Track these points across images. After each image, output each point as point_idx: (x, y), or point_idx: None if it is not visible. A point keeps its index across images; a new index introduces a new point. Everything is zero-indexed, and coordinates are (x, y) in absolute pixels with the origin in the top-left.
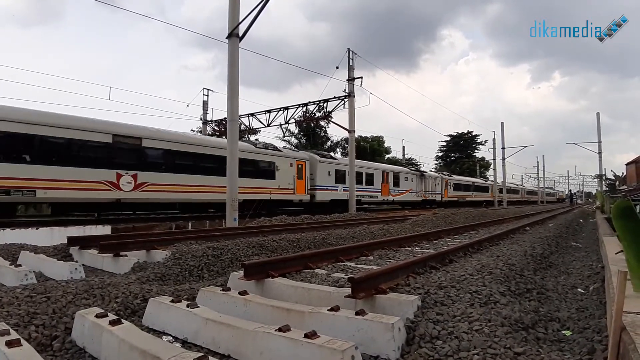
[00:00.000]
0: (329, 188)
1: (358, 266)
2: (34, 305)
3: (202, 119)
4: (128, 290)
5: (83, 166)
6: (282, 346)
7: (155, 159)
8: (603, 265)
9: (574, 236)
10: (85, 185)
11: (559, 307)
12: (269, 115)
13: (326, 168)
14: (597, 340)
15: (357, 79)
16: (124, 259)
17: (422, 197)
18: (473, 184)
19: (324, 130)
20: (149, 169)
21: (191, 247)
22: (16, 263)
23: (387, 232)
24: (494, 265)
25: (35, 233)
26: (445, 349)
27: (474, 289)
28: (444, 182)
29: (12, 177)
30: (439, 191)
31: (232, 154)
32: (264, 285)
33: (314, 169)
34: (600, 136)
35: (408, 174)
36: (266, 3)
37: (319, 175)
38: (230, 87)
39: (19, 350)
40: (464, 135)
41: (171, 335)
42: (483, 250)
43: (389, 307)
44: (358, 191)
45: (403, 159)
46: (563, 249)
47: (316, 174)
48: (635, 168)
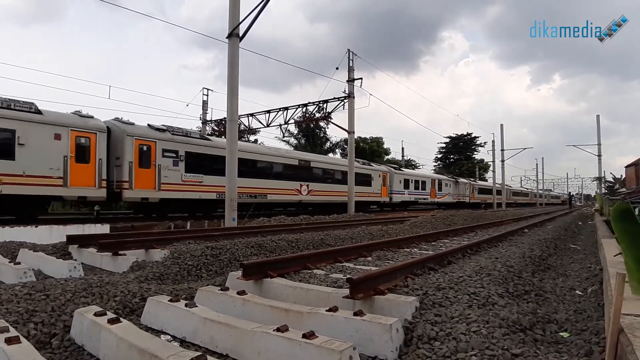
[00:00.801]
0: (400, 192)
1: (357, 267)
2: (33, 303)
3: (201, 118)
4: (127, 289)
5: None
6: (280, 346)
7: (317, 174)
8: (601, 267)
9: (572, 238)
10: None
11: (557, 309)
12: (268, 115)
13: (398, 178)
14: (594, 342)
15: (356, 80)
16: (123, 257)
17: (456, 199)
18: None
19: (324, 131)
20: (315, 181)
21: (190, 246)
22: (15, 261)
23: (386, 233)
24: (493, 267)
25: (35, 231)
26: (443, 350)
27: (472, 291)
28: (472, 187)
29: (253, 187)
30: (467, 194)
31: (232, 154)
32: (262, 285)
33: (392, 178)
34: (600, 138)
35: (447, 180)
36: (266, 3)
37: (394, 183)
38: (230, 87)
39: (18, 347)
40: (464, 136)
41: (169, 334)
42: (481, 252)
43: (387, 308)
44: (416, 194)
45: (402, 161)
46: (562, 251)
47: (392, 183)
48: (634, 170)
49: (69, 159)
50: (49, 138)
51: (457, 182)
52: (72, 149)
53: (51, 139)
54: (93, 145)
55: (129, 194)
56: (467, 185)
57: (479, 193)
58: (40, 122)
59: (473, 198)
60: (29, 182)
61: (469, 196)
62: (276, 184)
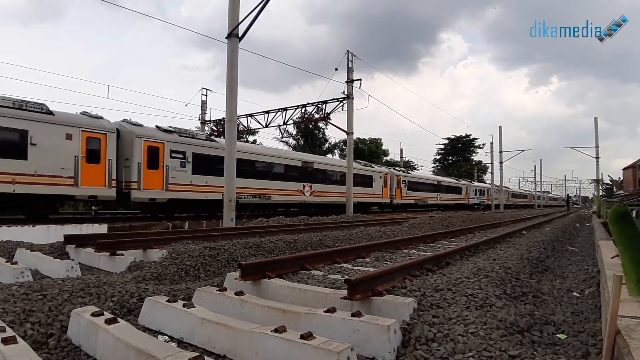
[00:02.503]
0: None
1: (355, 268)
2: (30, 303)
3: (200, 118)
4: (124, 289)
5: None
6: (278, 347)
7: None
8: (599, 269)
9: (570, 240)
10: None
11: (554, 310)
12: (267, 116)
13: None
14: (591, 343)
15: (355, 81)
16: (121, 257)
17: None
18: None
19: (323, 132)
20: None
21: (188, 247)
22: (12, 260)
23: (384, 234)
24: (490, 269)
25: (32, 231)
26: (441, 351)
27: (470, 292)
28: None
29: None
30: (505, 199)
31: (230, 154)
32: (260, 285)
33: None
34: (598, 141)
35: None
36: (266, 3)
37: (395, 185)
38: (229, 87)
39: (14, 347)
40: (462, 138)
41: (167, 334)
42: (479, 253)
43: (385, 309)
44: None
45: (401, 162)
46: (559, 252)
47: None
48: (632, 173)
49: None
50: (60, 138)
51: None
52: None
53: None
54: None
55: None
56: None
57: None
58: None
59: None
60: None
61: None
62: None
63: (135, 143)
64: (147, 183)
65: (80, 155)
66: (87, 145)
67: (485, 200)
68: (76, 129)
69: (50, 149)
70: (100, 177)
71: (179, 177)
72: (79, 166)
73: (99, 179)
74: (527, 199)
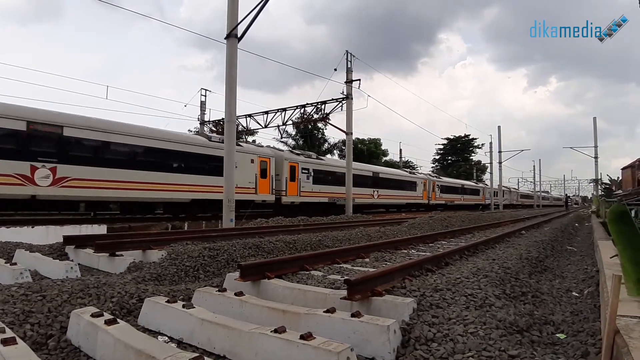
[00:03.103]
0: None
1: (354, 268)
2: (30, 304)
3: (199, 119)
4: (124, 290)
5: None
6: (278, 347)
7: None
8: (598, 269)
9: (569, 240)
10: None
11: (554, 310)
12: (266, 116)
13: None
14: (590, 343)
15: (355, 82)
16: (120, 258)
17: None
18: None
19: (322, 132)
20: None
21: (187, 247)
22: (11, 261)
23: (384, 235)
24: (490, 269)
25: (31, 232)
26: (441, 351)
27: (470, 292)
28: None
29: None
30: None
31: (230, 154)
32: (260, 286)
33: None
34: (597, 141)
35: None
36: (265, 4)
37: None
38: (228, 87)
39: (14, 348)
40: (461, 138)
41: (167, 335)
42: (479, 253)
43: (385, 309)
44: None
45: (400, 162)
46: (558, 252)
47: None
48: (630, 172)
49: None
50: (248, 162)
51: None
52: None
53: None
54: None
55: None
56: (514, 193)
57: (520, 198)
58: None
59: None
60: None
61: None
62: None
63: (285, 164)
64: (289, 191)
65: (257, 173)
66: (261, 166)
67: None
68: (255, 156)
69: (243, 169)
70: (267, 188)
71: (306, 187)
72: (257, 180)
73: (267, 189)
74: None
